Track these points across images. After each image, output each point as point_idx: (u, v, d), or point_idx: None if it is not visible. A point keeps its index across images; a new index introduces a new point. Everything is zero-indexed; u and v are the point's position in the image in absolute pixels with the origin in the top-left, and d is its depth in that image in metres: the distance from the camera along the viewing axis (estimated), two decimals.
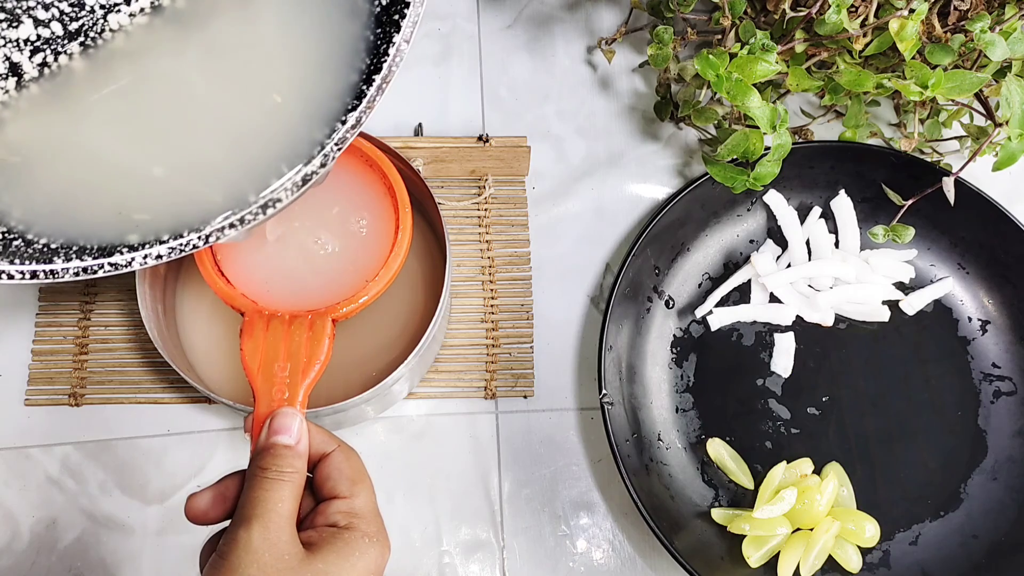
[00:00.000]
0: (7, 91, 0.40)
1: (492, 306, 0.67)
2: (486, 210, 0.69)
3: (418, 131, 0.69)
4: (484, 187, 0.69)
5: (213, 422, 0.64)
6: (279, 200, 0.38)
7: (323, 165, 0.38)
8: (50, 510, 0.61)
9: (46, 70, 0.40)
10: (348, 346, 0.58)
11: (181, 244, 0.37)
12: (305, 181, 0.38)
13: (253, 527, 0.37)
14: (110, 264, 0.37)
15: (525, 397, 0.65)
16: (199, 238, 0.37)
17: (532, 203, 0.70)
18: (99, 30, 0.40)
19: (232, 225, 0.38)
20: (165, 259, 0.37)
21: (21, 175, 0.39)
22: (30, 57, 0.40)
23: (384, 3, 0.40)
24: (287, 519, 0.38)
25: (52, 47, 0.40)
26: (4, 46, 0.40)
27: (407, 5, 0.39)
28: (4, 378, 0.64)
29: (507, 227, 0.69)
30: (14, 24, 0.40)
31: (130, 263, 0.37)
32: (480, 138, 0.67)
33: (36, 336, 0.65)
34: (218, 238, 0.38)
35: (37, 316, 0.65)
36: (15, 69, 0.40)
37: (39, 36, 0.40)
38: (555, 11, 0.76)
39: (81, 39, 0.40)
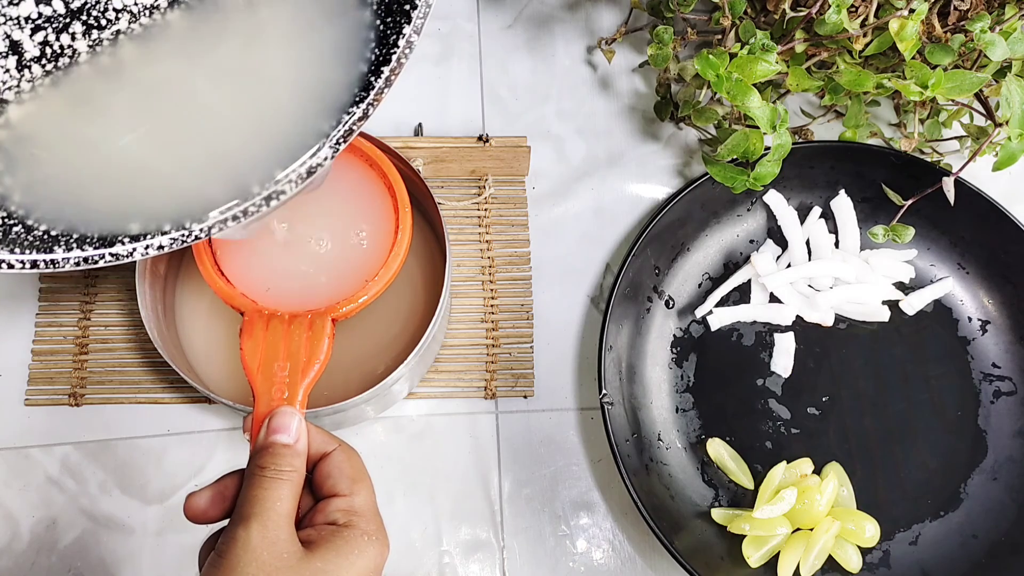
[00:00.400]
0: (7, 70, 0.39)
1: (492, 306, 0.67)
2: (486, 210, 0.69)
3: (418, 131, 0.69)
4: (484, 187, 0.69)
5: (213, 422, 0.64)
6: (283, 192, 0.37)
7: (328, 157, 0.38)
8: (50, 510, 0.61)
9: (48, 49, 0.39)
10: (348, 346, 0.59)
11: (183, 235, 0.37)
12: (310, 173, 0.38)
13: (252, 526, 0.37)
14: (111, 254, 0.36)
15: (525, 397, 0.65)
16: (201, 229, 0.37)
17: (532, 203, 0.70)
18: (102, 9, 0.40)
19: (235, 217, 0.37)
20: (167, 250, 0.37)
21: (23, 158, 0.39)
22: (31, 36, 0.39)
23: None
24: (286, 518, 0.38)
25: (54, 26, 0.40)
26: (4, 23, 0.39)
27: None
28: (4, 378, 0.64)
29: (507, 227, 0.69)
30: (15, 2, 0.39)
31: (131, 253, 0.36)
32: (480, 138, 0.67)
33: (36, 336, 0.65)
34: (220, 229, 0.37)
35: (37, 316, 0.65)
36: (16, 47, 0.39)
37: (40, 14, 0.40)
38: (555, 11, 0.76)
39: (84, 18, 0.40)
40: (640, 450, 0.62)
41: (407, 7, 0.39)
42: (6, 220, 0.38)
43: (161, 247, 0.37)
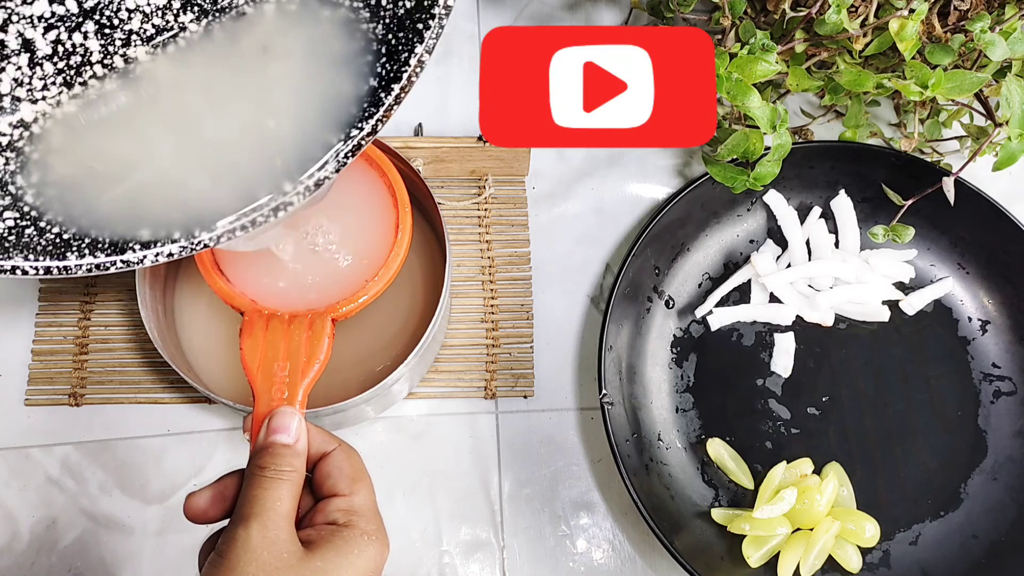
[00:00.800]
0: (19, 67, 0.39)
1: (492, 306, 0.67)
2: (486, 210, 0.69)
3: (418, 131, 0.69)
4: (484, 187, 0.69)
5: (213, 422, 0.64)
6: (291, 203, 0.38)
7: (336, 170, 0.38)
8: (50, 510, 0.61)
9: (60, 48, 0.40)
10: (348, 346, 0.59)
11: (192, 243, 0.37)
12: (317, 185, 0.38)
13: (252, 526, 0.37)
14: (123, 261, 0.37)
15: (525, 397, 0.65)
16: (210, 238, 0.37)
17: (532, 203, 0.70)
18: (115, 9, 0.40)
19: (243, 227, 0.37)
20: (176, 257, 0.37)
21: (35, 159, 0.39)
22: (43, 34, 0.40)
23: (409, 6, 0.40)
24: (286, 518, 0.38)
25: (66, 24, 0.40)
26: (18, 22, 0.39)
27: (432, 17, 0.39)
28: (4, 378, 0.64)
29: (507, 227, 0.69)
30: (28, 1, 0.39)
31: (142, 260, 0.37)
32: (480, 138, 0.67)
33: (36, 336, 0.65)
34: (229, 239, 0.37)
35: (37, 316, 0.66)
36: (28, 45, 0.39)
37: (53, 13, 0.40)
38: (555, 11, 0.76)
39: (96, 18, 0.40)
40: (640, 450, 0.62)
41: (420, 26, 0.39)
42: (19, 221, 0.38)
43: (171, 255, 0.37)
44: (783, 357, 0.66)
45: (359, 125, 0.38)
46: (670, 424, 0.64)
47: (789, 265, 0.68)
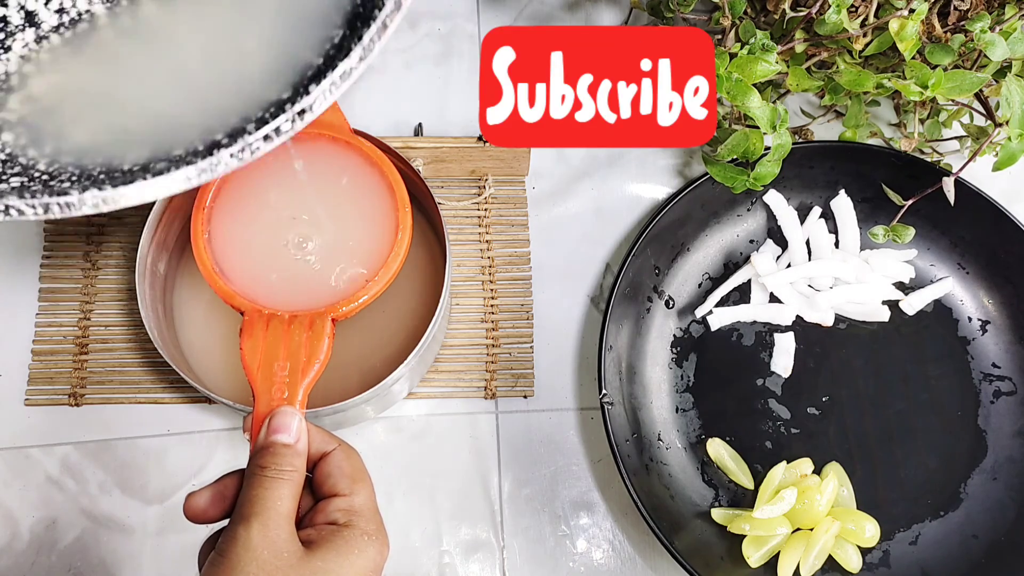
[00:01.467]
0: (26, 44, 0.39)
1: (492, 306, 0.67)
2: (486, 210, 0.69)
3: (418, 131, 0.69)
4: (484, 187, 0.69)
5: (213, 422, 0.64)
6: (281, 130, 0.37)
7: (319, 101, 0.37)
8: (50, 510, 0.61)
9: (65, 16, 0.39)
10: (348, 346, 0.59)
11: (187, 175, 0.36)
12: (304, 112, 0.37)
13: (252, 525, 0.37)
14: (103, 200, 0.36)
15: (525, 397, 0.65)
16: (199, 171, 0.37)
17: (532, 203, 0.70)
18: None
19: (232, 156, 0.37)
20: (177, 191, 0.36)
21: (43, 118, 0.38)
22: (46, 4, 0.39)
23: None
24: (286, 517, 0.38)
25: None
26: None
27: None
28: (4, 378, 0.64)
29: (507, 227, 0.69)
30: None
31: (128, 196, 0.36)
32: (480, 138, 0.67)
33: (36, 336, 0.65)
34: (227, 168, 0.37)
35: (37, 316, 0.65)
36: (31, 18, 0.39)
37: None
38: (555, 11, 0.76)
39: None
40: (640, 450, 0.62)
41: None
42: (18, 169, 0.37)
43: (157, 193, 0.36)
44: (783, 357, 0.66)
45: (349, 49, 0.37)
46: (670, 424, 0.64)
47: (789, 265, 0.68)
